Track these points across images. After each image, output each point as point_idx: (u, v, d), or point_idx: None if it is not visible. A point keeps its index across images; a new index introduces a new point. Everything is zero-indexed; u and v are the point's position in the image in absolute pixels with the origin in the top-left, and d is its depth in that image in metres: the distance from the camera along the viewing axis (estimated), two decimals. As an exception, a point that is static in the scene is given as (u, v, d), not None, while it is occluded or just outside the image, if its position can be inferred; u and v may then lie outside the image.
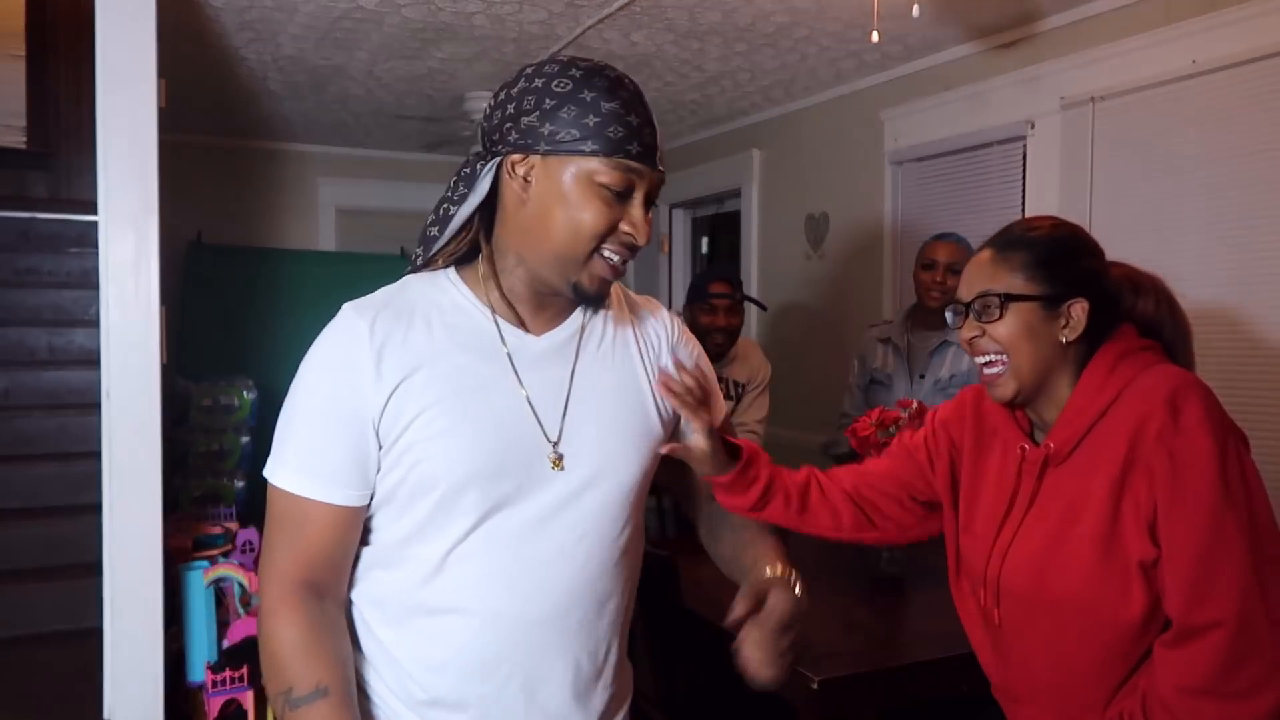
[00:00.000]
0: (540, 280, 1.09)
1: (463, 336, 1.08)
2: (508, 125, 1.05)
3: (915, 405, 2.24)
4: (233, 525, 3.17)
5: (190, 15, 3.08)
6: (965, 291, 1.36)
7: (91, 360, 3.30)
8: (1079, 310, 1.30)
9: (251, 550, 2.97)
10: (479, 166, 1.09)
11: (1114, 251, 1.40)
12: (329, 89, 4.06)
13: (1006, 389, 1.33)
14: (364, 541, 1.11)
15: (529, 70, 1.07)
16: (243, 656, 2.51)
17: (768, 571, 1.16)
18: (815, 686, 1.69)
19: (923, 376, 2.84)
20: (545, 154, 1.03)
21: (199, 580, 2.62)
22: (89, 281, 3.96)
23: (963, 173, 3.48)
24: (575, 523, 1.08)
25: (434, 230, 1.13)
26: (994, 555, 1.37)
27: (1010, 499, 1.37)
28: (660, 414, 1.17)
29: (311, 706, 1.01)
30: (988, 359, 1.34)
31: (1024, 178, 3.21)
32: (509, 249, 1.09)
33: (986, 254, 1.36)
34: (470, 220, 1.11)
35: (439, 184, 6.87)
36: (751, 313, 4.52)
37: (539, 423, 1.07)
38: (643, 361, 1.18)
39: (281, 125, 4.82)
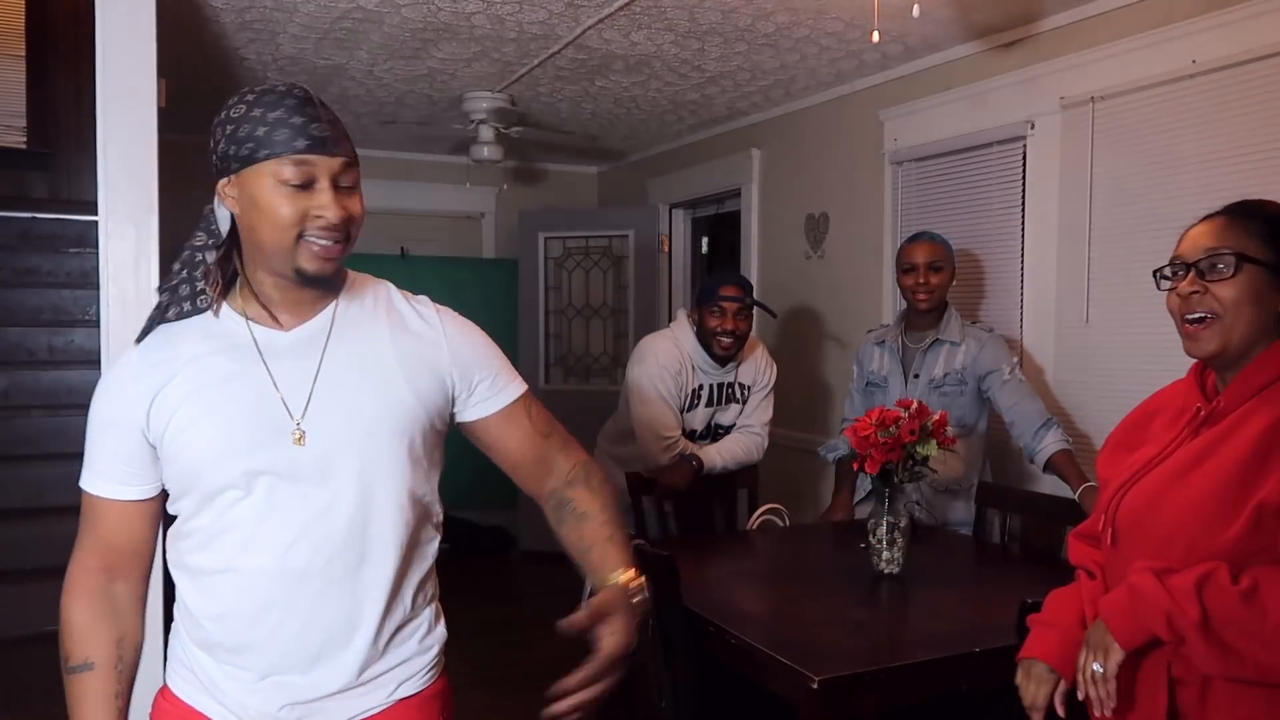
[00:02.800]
0: (279, 274, 1.24)
1: (216, 342, 1.26)
2: (213, 158, 1.23)
3: (915, 404, 2.25)
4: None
5: (190, 15, 3.08)
6: (1189, 250, 1.36)
7: (91, 360, 3.30)
8: None
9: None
10: (215, 202, 1.26)
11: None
12: (329, 89, 4.06)
13: (1210, 344, 1.33)
14: (169, 522, 1.33)
15: (225, 103, 1.25)
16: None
17: (613, 578, 1.28)
18: (815, 686, 1.69)
19: (917, 376, 2.86)
20: (237, 170, 1.21)
21: (199, 580, 2.61)
22: (89, 281, 3.95)
23: (963, 173, 3.48)
24: (325, 489, 1.24)
25: (195, 273, 1.28)
26: (1120, 490, 1.41)
27: (1162, 451, 1.40)
28: (413, 396, 1.29)
29: (77, 676, 1.27)
30: (1197, 316, 1.33)
31: (1024, 178, 3.21)
32: (249, 259, 1.26)
33: (1219, 219, 1.36)
34: (226, 247, 1.28)
35: (439, 184, 6.81)
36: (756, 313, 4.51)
37: (284, 404, 1.23)
38: (395, 350, 1.30)
39: (281, 125, 4.82)
